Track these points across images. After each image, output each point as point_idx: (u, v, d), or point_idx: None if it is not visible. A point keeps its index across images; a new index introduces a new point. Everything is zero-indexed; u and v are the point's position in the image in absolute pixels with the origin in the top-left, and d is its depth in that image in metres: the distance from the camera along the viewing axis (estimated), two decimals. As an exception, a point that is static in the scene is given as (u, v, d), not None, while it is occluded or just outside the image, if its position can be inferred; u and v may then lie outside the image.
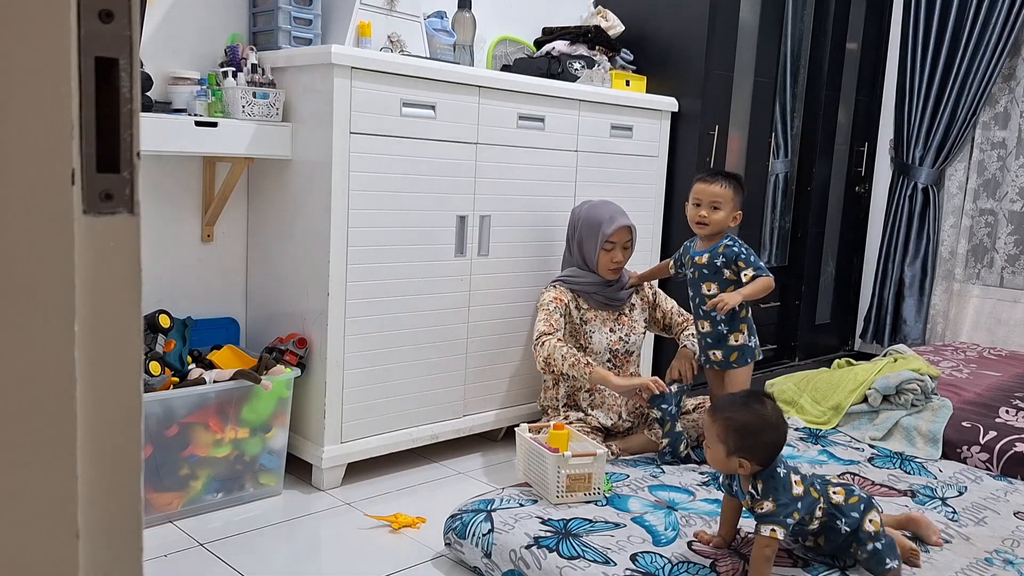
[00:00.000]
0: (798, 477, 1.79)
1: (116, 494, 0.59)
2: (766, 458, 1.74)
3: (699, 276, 2.52)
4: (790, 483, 1.76)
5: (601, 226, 2.64)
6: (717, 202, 2.46)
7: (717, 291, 2.46)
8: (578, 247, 2.70)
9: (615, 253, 2.65)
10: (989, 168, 4.08)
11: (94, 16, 0.55)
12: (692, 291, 2.57)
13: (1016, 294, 4.04)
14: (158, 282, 2.50)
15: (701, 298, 2.52)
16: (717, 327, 2.50)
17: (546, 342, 2.54)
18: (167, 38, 2.44)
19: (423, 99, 2.48)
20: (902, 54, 4.19)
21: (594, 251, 2.65)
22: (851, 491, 1.84)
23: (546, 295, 2.66)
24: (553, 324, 2.58)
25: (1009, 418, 2.81)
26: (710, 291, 2.49)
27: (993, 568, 1.92)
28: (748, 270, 2.44)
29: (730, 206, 2.47)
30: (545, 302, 2.64)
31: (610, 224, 2.63)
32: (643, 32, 3.36)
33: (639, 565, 1.80)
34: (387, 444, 2.55)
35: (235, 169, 2.47)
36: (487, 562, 1.91)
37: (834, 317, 4.38)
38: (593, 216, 2.68)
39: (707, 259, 2.49)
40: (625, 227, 2.65)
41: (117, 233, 0.57)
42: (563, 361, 2.49)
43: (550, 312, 2.61)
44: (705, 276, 2.50)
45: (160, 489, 2.17)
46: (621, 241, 2.65)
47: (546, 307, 2.62)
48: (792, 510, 1.74)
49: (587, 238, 2.67)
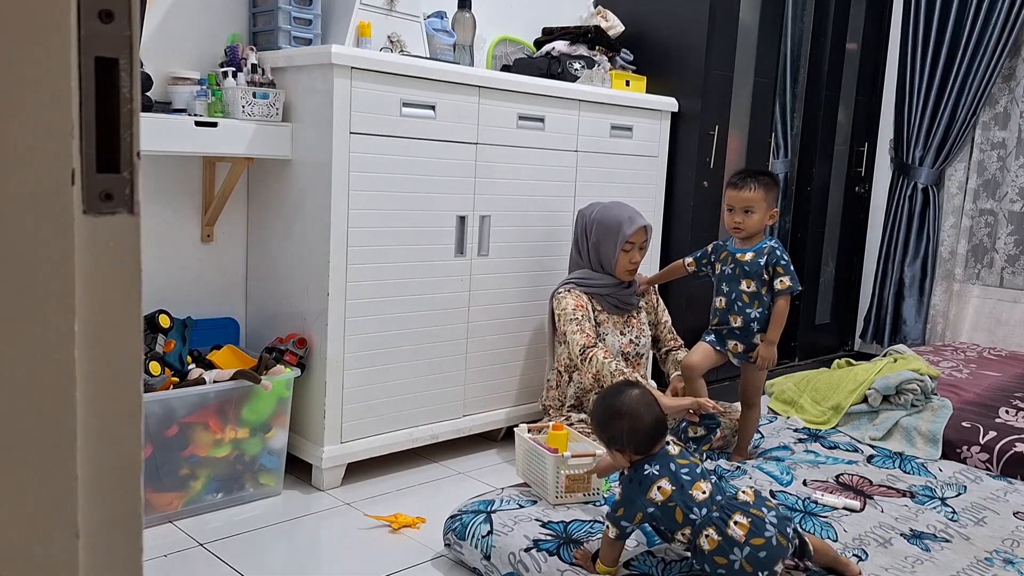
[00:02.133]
0: (669, 487, 1.70)
1: (116, 494, 0.59)
2: (637, 446, 1.74)
3: (739, 272, 2.50)
4: (650, 485, 1.70)
5: (621, 227, 2.63)
6: (750, 206, 2.45)
7: (756, 289, 2.47)
8: (593, 249, 2.68)
9: (633, 254, 2.66)
10: (989, 168, 4.08)
11: (94, 16, 0.55)
12: (727, 286, 2.53)
13: (1016, 294, 4.04)
14: (158, 282, 2.50)
15: (738, 294, 2.50)
16: (750, 324, 2.50)
17: (592, 357, 2.49)
18: (167, 38, 2.44)
19: (423, 99, 2.48)
20: (902, 54, 4.19)
21: (613, 253, 2.64)
22: (759, 531, 1.65)
23: (565, 301, 2.62)
24: (590, 333, 2.55)
25: (1009, 418, 2.81)
26: (749, 288, 2.48)
27: (993, 568, 1.92)
28: (785, 278, 2.46)
29: (763, 207, 2.45)
30: (569, 309, 2.59)
31: (630, 225, 2.63)
32: (643, 32, 3.36)
33: (633, 568, 1.80)
34: (387, 444, 2.55)
35: (235, 169, 2.47)
36: (486, 564, 1.91)
37: (834, 317, 4.38)
38: (610, 217, 2.66)
39: (751, 257, 2.48)
40: (644, 227, 2.66)
41: (117, 233, 0.57)
42: (611, 378, 2.44)
43: (580, 320, 2.57)
44: (746, 273, 2.49)
45: (160, 489, 2.17)
46: (639, 241, 2.66)
47: (573, 315, 2.58)
48: (634, 512, 1.71)
49: (604, 240, 2.65)
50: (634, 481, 1.73)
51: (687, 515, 1.69)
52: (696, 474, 1.75)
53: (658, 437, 1.76)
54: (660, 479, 1.71)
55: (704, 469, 1.79)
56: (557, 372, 2.70)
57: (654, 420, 1.76)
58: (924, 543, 2.02)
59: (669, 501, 1.70)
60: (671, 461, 1.75)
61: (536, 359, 2.92)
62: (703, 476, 1.75)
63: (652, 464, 1.73)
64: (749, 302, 2.48)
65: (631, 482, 1.74)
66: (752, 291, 2.48)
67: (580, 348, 2.52)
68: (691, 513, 1.69)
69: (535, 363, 2.93)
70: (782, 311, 2.48)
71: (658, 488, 1.71)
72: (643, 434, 1.74)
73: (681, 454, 1.78)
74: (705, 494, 1.71)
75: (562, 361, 2.68)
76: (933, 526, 2.13)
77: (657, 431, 1.75)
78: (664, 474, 1.72)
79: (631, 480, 1.75)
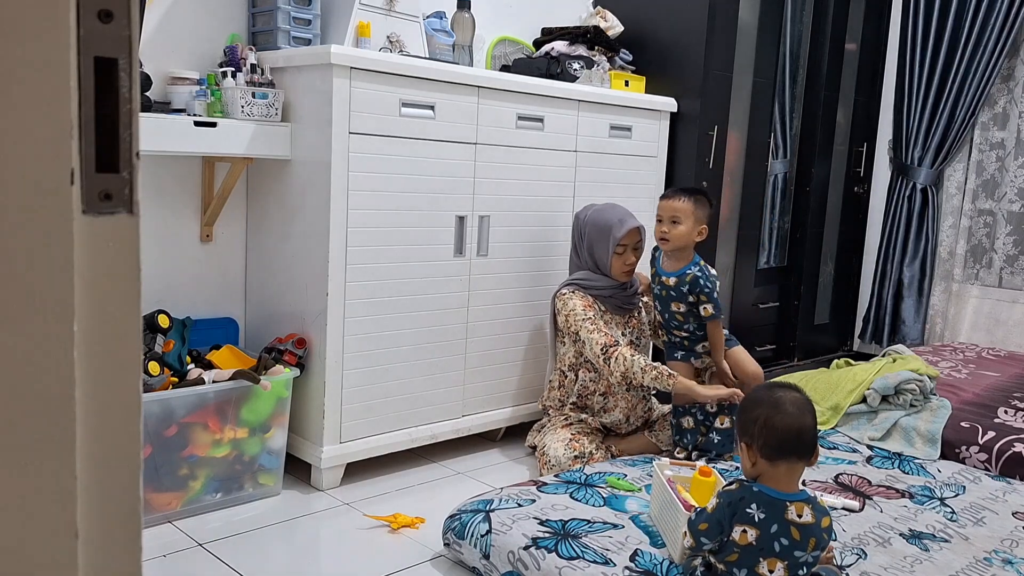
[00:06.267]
0: (751, 539, 1.53)
1: (115, 494, 0.59)
2: (766, 443, 1.55)
3: (666, 295, 2.64)
4: (739, 520, 1.55)
5: (611, 230, 2.63)
6: (677, 216, 2.56)
7: (685, 310, 2.62)
8: (588, 252, 2.68)
9: (627, 255, 2.65)
10: (988, 169, 4.09)
11: (94, 16, 0.55)
12: (661, 307, 2.69)
13: (1015, 294, 4.04)
14: (157, 282, 2.50)
15: (671, 314, 2.66)
16: (693, 335, 2.66)
17: (617, 355, 2.47)
18: (166, 38, 2.44)
19: (422, 99, 2.48)
20: (901, 54, 4.20)
21: (606, 255, 2.64)
22: None
23: (572, 302, 2.60)
24: (608, 332, 2.54)
25: (1008, 418, 2.81)
26: (679, 309, 2.63)
27: (992, 568, 1.92)
28: (708, 305, 2.58)
29: (691, 220, 2.56)
30: (579, 310, 2.58)
31: (620, 227, 2.63)
32: (642, 32, 3.36)
33: (638, 564, 1.80)
34: (386, 444, 2.55)
35: (234, 169, 2.47)
36: (485, 563, 1.91)
37: (833, 317, 4.38)
38: (601, 220, 2.66)
39: (674, 282, 2.61)
40: (636, 228, 2.65)
41: (116, 233, 0.57)
42: (643, 375, 2.44)
43: (594, 319, 2.56)
44: (672, 297, 2.63)
45: (159, 489, 2.17)
46: (632, 243, 2.65)
47: (585, 315, 2.56)
48: (716, 534, 1.58)
49: (597, 243, 2.65)
50: (732, 504, 1.56)
51: (731, 570, 1.57)
52: (787, 549, 1.53)
53: (793, 447, 1.55)
54: (751, 526, 1.54)
55: (807, 558, 1.55)
56: (560, 372, 2.70)
57: (797, 425, 1.55)
58: (923, 543, 2.03)
59: (738, 548, 1.55)
60: (780, 521, 1.53)
61: (535, 359, 2.92)
62: (787, 555, 1.54)
63: (761, 503, 1.54)
64: (684, 320, 2.65)
65: (729, 504, 1.56)
66: (683, 311, 2.64)
67: (602, 347, 2.50)
68: (738, 574, 1.56)
69: (534, 363, 2.93)
70: (716, 338, 2.63)
71: (742, 531, 1.54)
72: (778, 432, 1.54)
73: (802, 524, 1.54)
74: (770, 574, 1.54)
75: (565, 361, 2.67)
76: (932, 526, 2.13)
77: (794, 439, 1.55)
78: (759, 526, 1.54)
79: (730, 501, 1.56)
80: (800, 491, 1.59)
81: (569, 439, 2.54)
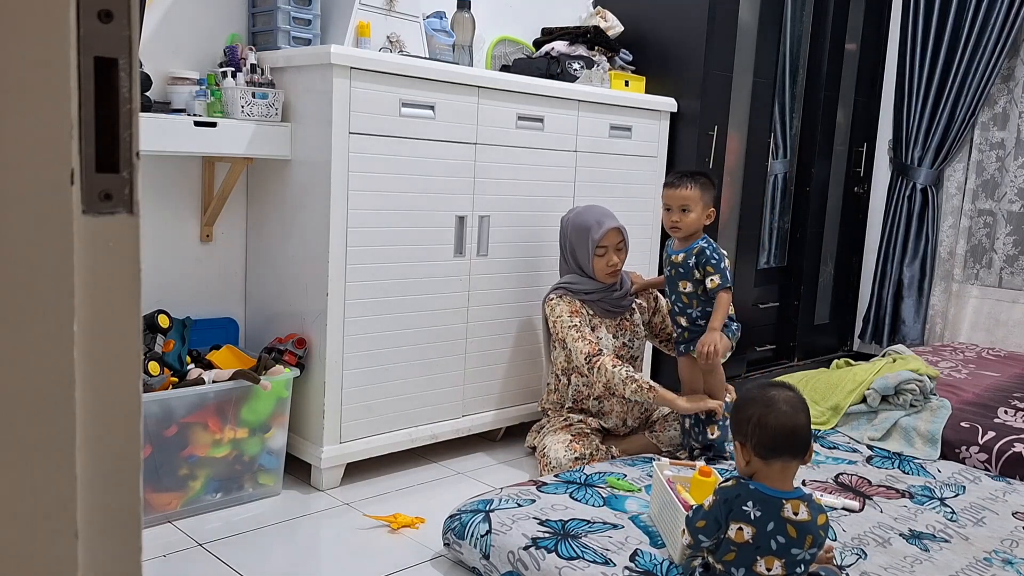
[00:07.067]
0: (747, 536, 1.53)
1: (115, 494, 0.59)
2: (759, 442, 1.55)
3: (675, 274, 2.58)
4: (735, 518, 1.55)
5: (590, 232, 2.61)
6: (686, 204, 2.52)
7: (692, 289, 2.54)
8: (572, 255, 2.67)
9: (609, 257, 2.62)
10: (988, 169, 4.09)
11: (93, 16, 0.55)
12: (669, 289, 2.63)
13: (1015, 294, 4.04)
14: (157, 282, 2.50)
15: (677, 296, 2.59)
16: (695, 323, 2.57)
17: (600, 365, 2.47)
18: (166, 38, 2.44)
19: (422, 99, 2.48)
20: (901, 55, 4.20)
21: (587, 258, 2.62)
22: None
23: (560, 308, 2.58)
24: (592, 340, 2.53)
25: (1008, 418, 2.81)
26: (686, 289, 2.56)
27: (992, 568, 1.92)
28: (715, 276, 2.51)
29: (700, 206, 2.53)
30: (565, 316, 2.56)
31: (598, 229, 2.60)
32: (642, 32, 3.36)
33: (637, 564, 1.80)
34: (386, 444, 2.55)
35: (234, 169, 2.47)
36: (485, 563, 1.91)
37: (833, 317, 4.38)
38: (580, 222, 2.65)
39: (682, 258, 2.55)
40: (614, 229, 2.62)
41: (116, 233, 0.57)
42: (623, 387, 2.45)
43: (579, 327, 2.55)
44: (680, 275, 2.57)
45: (159, 489, 2.17)
46: (613, 244, 2.62)
47: (571, 322, 2.55)
48: (713, 531, 1.57)
49: (578, 246, 2.64)
50: (728, 501, 1.56)
51: (729, 570, 1.57)
52: (784, 547, 1.53)
53: (787, 445, 1.55)
54: (747, 523, 1.54)
55: (805, 556, 1.54)
56: (555, 376, 2.70)
57: (791, 424, 1.55)
58: (923, 543, 2.03)
59: (735, 546, 1.55)
60: (776, 519, 1.53)
61: (535, 359, 2.92)
62: (784, 553, 1.53)
63: (757, 501, 1.54)
64: (688, 303, 2.57)
65: (725, 501, 1.56)
66: (689, 291, 2.56)
67: (586, 356, 2.50)
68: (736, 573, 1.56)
69: (534, 363, 2.93)
70: (723, 300, 2.51)
71: (739, 528, 1.54)
72: (772, 430, 1.54)
73: (798, 521, 1.54)
74: (768, 572, 1.53)
75: (559, 365, 2.67)
76: (932, 526, 2.13)
77: (788, 437, 1.54)
78: (755, 523, 1.53)
79: (726, 498, 1.56)
80: (795, 489, 1.59)
81: (569, 440, 2.54)
